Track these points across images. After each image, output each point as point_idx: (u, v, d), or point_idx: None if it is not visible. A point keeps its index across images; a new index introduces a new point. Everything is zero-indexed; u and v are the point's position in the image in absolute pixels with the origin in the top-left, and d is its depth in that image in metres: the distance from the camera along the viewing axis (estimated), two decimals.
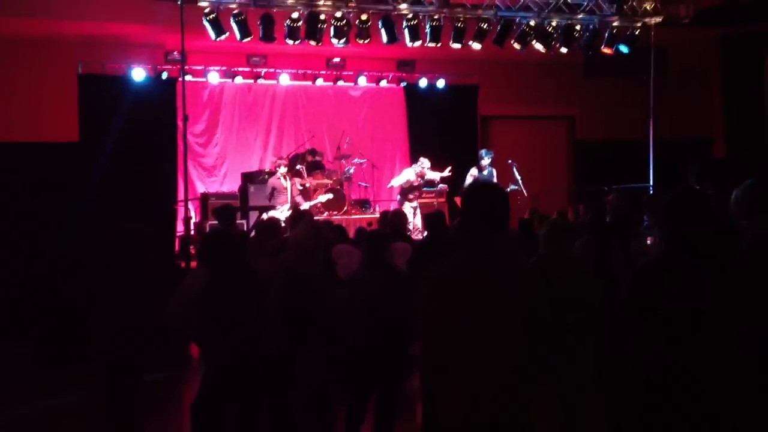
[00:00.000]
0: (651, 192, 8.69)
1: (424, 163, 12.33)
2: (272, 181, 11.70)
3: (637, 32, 11.51)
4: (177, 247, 11.52)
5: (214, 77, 13.34)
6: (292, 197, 11.51)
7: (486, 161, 12.06)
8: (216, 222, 9.14)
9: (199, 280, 4.85)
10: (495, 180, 12.10)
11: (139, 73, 12.61)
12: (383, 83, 14.54)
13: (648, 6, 11.32)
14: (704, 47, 13.52)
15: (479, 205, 3.01)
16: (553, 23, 11.19)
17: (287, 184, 11.64)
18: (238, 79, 13.52)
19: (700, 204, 2.99)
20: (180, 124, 11.28)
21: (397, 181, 12.39)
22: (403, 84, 14.69)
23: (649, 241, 6.69)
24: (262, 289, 4.57)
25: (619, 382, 2.97)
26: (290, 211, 8.49)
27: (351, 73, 14.25)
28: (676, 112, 13.74)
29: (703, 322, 2.81)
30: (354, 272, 5.61)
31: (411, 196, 12.20)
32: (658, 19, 11.44)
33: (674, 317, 2.84)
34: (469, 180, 11.88)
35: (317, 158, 12.86)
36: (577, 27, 11.32)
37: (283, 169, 11.67)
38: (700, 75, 14.79)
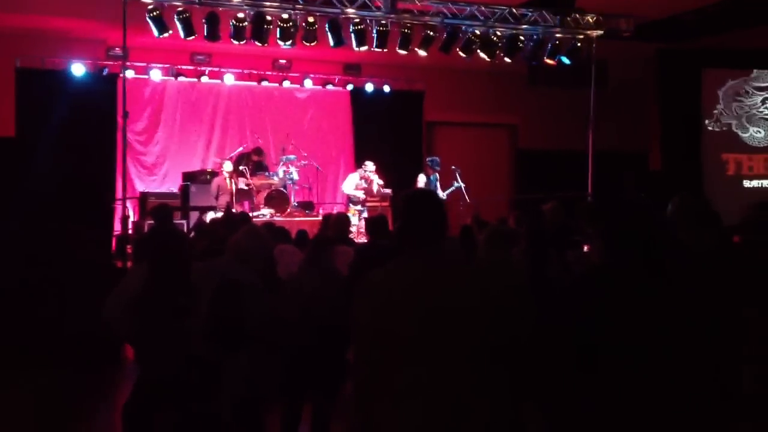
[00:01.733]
0: (589, 201, 8.89)
1: (368, 166, 12.38)
2: (218, 180, 11.58)
3: (579, 44, 11.76)
4: (114, 247, 11.29)
5: (156, 74, 13.15)
6: (233, 198, 11.41)
7: (434, 168, 12.24)
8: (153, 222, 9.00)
9: (135, 280, 4.75)
10: (438, 186, 12.27)
11: (79, 69, 12.36)
12: (329, 86, 14.52)
13: (590, 19, 11.58)
14: (643, 61, 13.87)
15: (423, 209, 3.02)
16: (498, 33, 11.35)
17: (231, 184, 11.55)
18: (182, 78, 13.34)
19: (643, 214, 3.07)
20: (120, 121, 11.07)
21: (348, 188, 12.40)
22: (349, 88, 14.69)
23: (586, 249, 6.83)
24: (195, 293, 4.50)
25: (552, 390, 3.01)
26: (224, 213, 8.39)
27: (297, 74, 14.20)
28: (615, 123, 14.07)
29: (641, 330, 2.88)
30: (294, 274, 5.59)
31: (357, 201, 12.24)
32: (600, 32, 11.71)
33: (612, 325, 2.90)
34: (419, 186, 12.03)
35: (262, 159, 12.76)
36: (522, 37, 11.50)
37: (228, 167, 11.56)
38: (639, 88, 15.17)
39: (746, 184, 12.88)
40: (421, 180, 12.35)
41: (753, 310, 4.64)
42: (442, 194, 12.31)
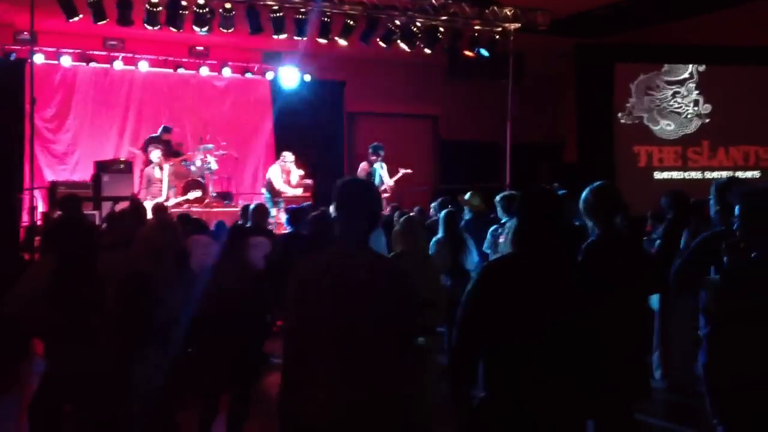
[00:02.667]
0: (507, 192, 9.02)
1: (287, 157, 12.24)
2: (148, 171, 11.29)
3: (497, 37, 11.91)
4: (21, 238, 10.83)
5: (66, 60, 12.67)
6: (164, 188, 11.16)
7: (377, 154, 12.12)
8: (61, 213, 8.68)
9: (41, 271, 4.55)
10: (384, 174, 12.19)
11: None
12: (248, 75, 14.28)
13: (507, 12, 11.73)
14: (560, 55, 14.16)
15: (353, 199, 2.99)
16: (418, 23, 11.38)
17: (163, 173, 11.27)
18: (93, 63, 12.89)
19: (552, 203, 3.17)
20: (28, 108, 10.61)
21: (276, 182, 12.12)
22: (269, 76, 14.48)
23: (501, 240, 6.93)
24: (101, 286, 4.34)
25: (463, 373, 3.07)
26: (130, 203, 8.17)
27: (215, 62, 13.93)
28: (532, 116, 14.33)
29: (547, 313, 2.95)
30: (209, 265, 5.47)
31: (276, 192, 12.06)
32: (517, 25, 11.88)
33: (519, 308, 2.97)
34: (361, 174, 11.93)
35: (171, 138, 12.42)
36: (441, 29, 11.56)
37: (156, 155, 11.27)
38: (556, 81, 15.50)
39: (657, 175, 13.29)
40: (363, 169, 12.23)
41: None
42: (390, 181, 12.27)
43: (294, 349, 2.92)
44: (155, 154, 11.32)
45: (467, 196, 8.52)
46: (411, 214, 6.69)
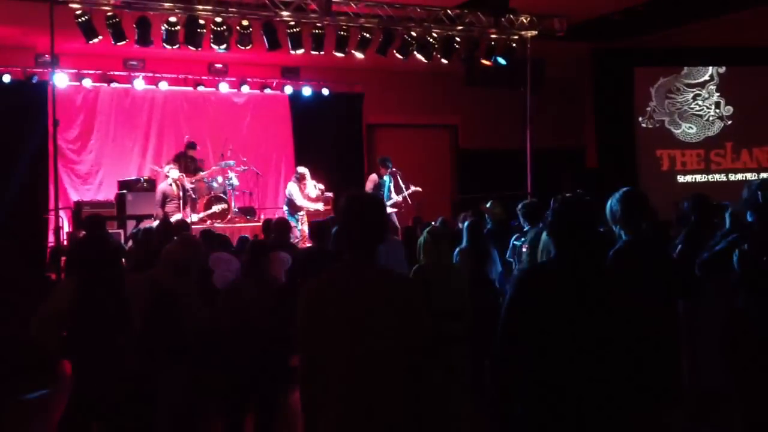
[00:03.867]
0: (528, 200, 8.95)
1: (301, 171, 12.30)
2: (162, 187, 11.37)
3: (513, 44, 11.88)
4: (48, 258, 10.95)
5: (87, 81, 12.82)
6: (181, 205, 11.23)
7: (386, 167, 12.15)
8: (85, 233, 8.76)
9: (65, 292, 4.60)
10: (392, 187, 12.20)
11: (6, 77, 11.98)
12: (267, 90, 14.37)
13: (524, 19, 11.70)
14: (578, 60, 14.10)
15: (357, 214, 2.97)
16: (434, 34, 11.39)
17: (180, 190, 11.37)
18: (114, 84, 13.04)
19: (586, 210, 3.15)
20: (51, 129, 10.76)
21: (296, 197, 12.15)
22: (288, 91, 14.56)
23: (524, 249, 6.87)
24: (127, 305, 4.37)
25: (508, 381, 3.03)
26: (159, 222, 8.22)
27: (234, 79, 14.02)
28: (551, 122, 14.27)
29: (586, 320, 2.92)
30: (231, 282, 5.49)
31: (298, 208, 12.08)
32: (534, 33, 11.85)
33: (559, 318, 2.94)
34: (369, 186, 11.95)
35: (195, 153, 12.51)
36: (457, 38, 11.56)
37: (174, 173, 11.36)
38: (575, 86, 15.43)
39: (680, 179, 13.19)
40: (371, 180, 12.26)
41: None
42: (396, 197, 12.24)
43: (306, 369, 2.90)
44: (173, 172, 11.41)
45: (489, 204, 8.49)
46: (434, 224, 6.66)
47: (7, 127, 11.83)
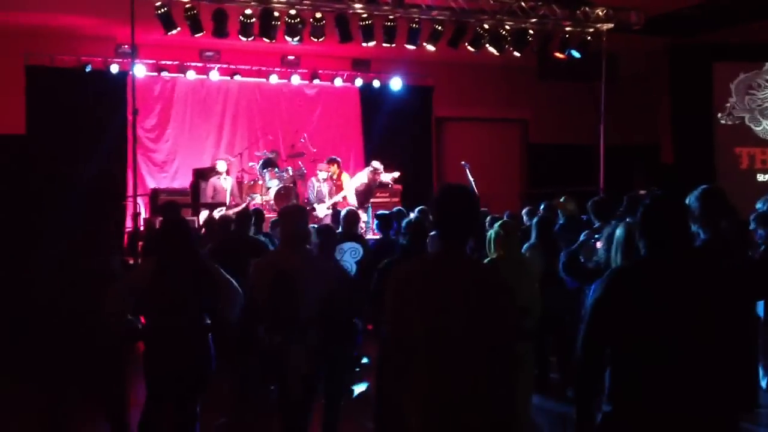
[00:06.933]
0: (600, 196, 8.78)
1: (374, 164, 12.35)
2: (212, 181, 11.77)
3: (588, 38, 11.67)
4: (126, 243, 11.33)
5: (165, 72, 13.16)
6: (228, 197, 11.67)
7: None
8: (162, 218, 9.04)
9: (144, 272, 4.76)
10: (326, 191, 12.16)
11: (88, 66, 12.38)
12: (338, 82, 14.48)
13: (600, 12, 11.47)
14: (654, 54, 13.78)
15: (450, 208, 3.04)
16: (507, 27, 11.28)
17: (227, 184, 11.81)
18: (191, 74, 13.35)
19: (678, 209, 3.10)
20: (130, 117, 11.10)
21: (353, 185, 12.32)
22: (358, 83, 14.65)
23: (598, 245, 6.73)
24: (196, 287, 4.58)
25: (591, 386, 2.99)
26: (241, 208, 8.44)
27: (306, 71, 14.18)
28: (625, 117, 13.97)
29: (682, 320, 2.86)
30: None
31: (364, 199, 12.17)
32: (610, 26, 11.60)
33: (653, 316, 2.87)
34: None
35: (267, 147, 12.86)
36: (530, 31, 11.42)
37: (223, 166, 11.89)
38: (650, 81, 15.06)
39: (760, 178, 12.78)
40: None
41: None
42: (329, 200, 12.20)
43: (394, 348, 3.04)
44: (221, 166, 11.92)
45: (562, 199, 8.38)
46: (504, 219, 6.62)
47: (88, 115, 12.22)
